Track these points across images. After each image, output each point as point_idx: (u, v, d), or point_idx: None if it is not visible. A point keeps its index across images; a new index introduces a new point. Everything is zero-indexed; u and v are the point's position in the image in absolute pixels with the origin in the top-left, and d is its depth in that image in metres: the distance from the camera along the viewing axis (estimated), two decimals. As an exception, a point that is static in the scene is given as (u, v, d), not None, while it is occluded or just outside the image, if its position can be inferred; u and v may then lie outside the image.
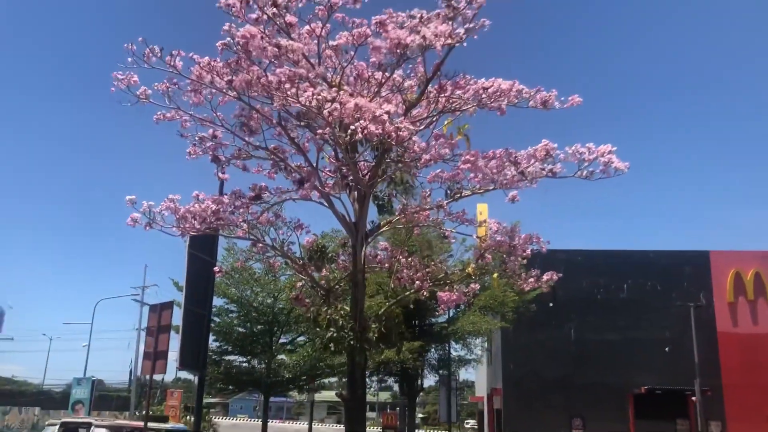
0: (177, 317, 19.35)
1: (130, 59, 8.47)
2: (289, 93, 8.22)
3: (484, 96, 8.79)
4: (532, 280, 10.37)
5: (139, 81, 8.76)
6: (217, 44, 8.54)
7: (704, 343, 32.56)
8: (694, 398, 29.66)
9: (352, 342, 9.35)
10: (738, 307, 36.43)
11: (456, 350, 34.50)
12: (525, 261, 10.25)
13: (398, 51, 8.00)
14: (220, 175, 10.37)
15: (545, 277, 10.37)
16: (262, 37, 8.44)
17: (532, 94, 8.80)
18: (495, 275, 11.83)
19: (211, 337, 27.69)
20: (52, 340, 63.95)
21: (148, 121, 9.40)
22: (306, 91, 8.03)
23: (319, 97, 7.85)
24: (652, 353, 34.85)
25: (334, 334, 9.53)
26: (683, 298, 34.00)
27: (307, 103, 8.01)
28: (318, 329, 10.48)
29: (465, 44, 7.98)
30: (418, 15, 8.10)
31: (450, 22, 7.90)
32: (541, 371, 35.45)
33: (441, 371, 35.89)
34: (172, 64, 8.54)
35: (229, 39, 8.55)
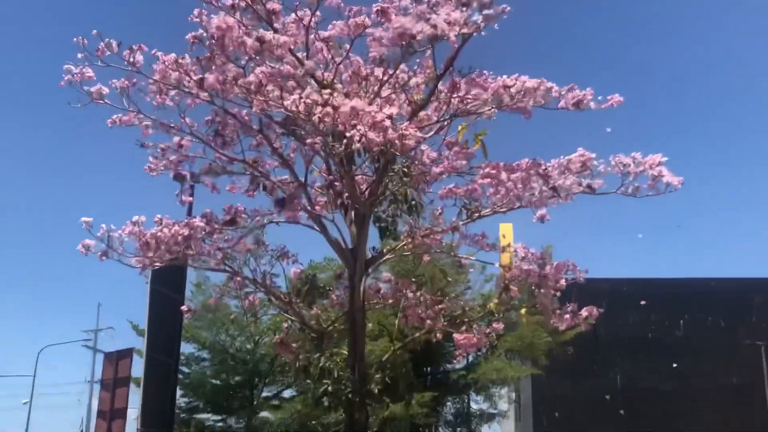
0: (138, 367, 19.33)
1: (80, 55, 8.53)
2: (271, 96, 8.27)
3: (505, 96, 8.83)
4: (567, 316, 10.33)
5: (95, 77, 8.80)
6: (187, 37, 8.62)
7: (780, 390, 32.36)
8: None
9: (350, 395, 9.30)
10: (820, 346, 36.29)
11: (477, 403, 34.31)
12: (559, 293, 10.23)
13: (403, 43, 8.04)
14: (184, 197, 10.34)
15: (584, 313, 10.34)
16: (240, 28, 8.51)
17: (563, 93, 8.86)
18: (523, 311, 11.77)
19: (180, 391, 27.62)
20: (-15, 396, 63.58)
21: (102, 128, 9.41)
22: (292, 94, 8.08)
23: (308, 100, 7.88)
24: (717, 404, 34.66)
25: (329, 387, 9.50)
26: (752, 335, 33.93)
27: (294, 108, 8.04)
28: (309, 380, 10.46)
29: (483, 33, 8.03)
30: (426, 0, 8.17)
31: (464, 9, 7.96)
32: (582, 427, 35.24)
33: (460, 429, 35.66)
34: (132, 60, 8.60)
35: (201, 31, 8.63)
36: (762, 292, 37.10)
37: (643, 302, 32.29)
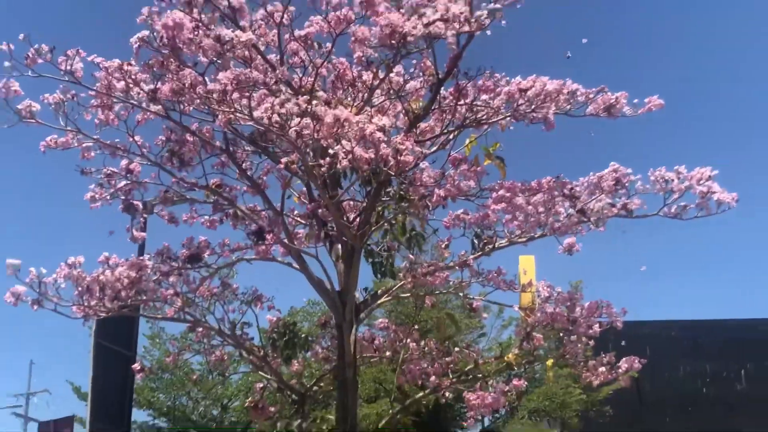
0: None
1: (6, 63, 8.55)
2: (237, 106, 8.30)
3: (521, 102, 8.88)
4: (603, 369, 10.32)
5: (23, 93, 8.82)
6: (132, 40, 8.66)
7: None
8: None
9: (341, 475, 9.26)
10: None
11: (496, 476, 34.14)
12: (592, 341, 10.22)
13: (393, 42, 8.07)
14: (135, 232, 10.34)
15: (623, 365, 10.33)
16: (196, 26, 8.57)
17: (591, 96, 8.91)
18: (549, 363, 11.73)
19: (131, 470, 27.44)
20: None
21: (34, 151, 9.39)
22: (263, 103, 8.11)
23: (282, 110, 7.90)
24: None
25: (315, 463, 9.46)
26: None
27: (266, 120, 8.06)
28: (290, 455, 10.39)
29: (489, 32, 8.08)
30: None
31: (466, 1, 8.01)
32: (625, 505, 35.02)
33: None
34: (68, 68, 8.62)
35: (148, 32, 8.67)
36: (840, 335, 37.13)
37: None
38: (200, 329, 10.75)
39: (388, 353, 11.29)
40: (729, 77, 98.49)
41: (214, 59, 8.62)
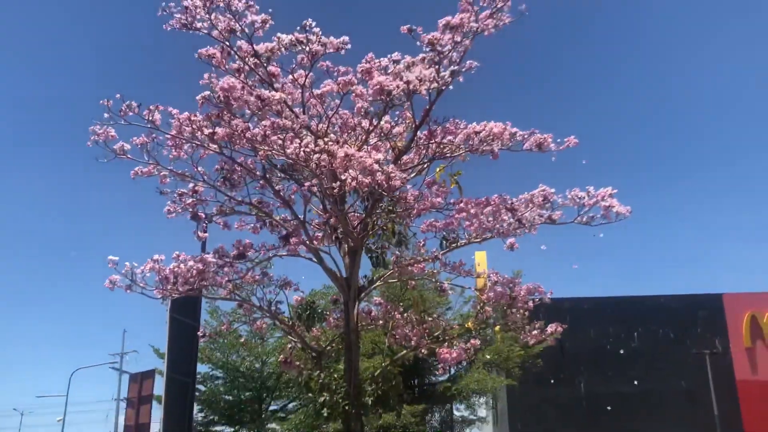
0: (159, 386, 19.08)
1: (106, 115, 8.55)
2: (274, 145, 8.31)
3: (475, 140, 8.90)
4: (536, 332, 10.30)
5: (117, 136, 8.82)
6: (197, 98, 8.67)
7: (723, 393, 32.31)
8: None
9: (346, 407, 9.20)
10: (757, 353, 36.28)
11: (459, 410, 34.01)
12: (528, 313, 10.20)
13: (382, 97, 8.11)
14: (200, 233, 10.35)
15: (550, 329, 10.32)
16: (242, 88, 8.58)
17: (525, 136, 8.93)
18: (497, 328, 11.74)
19: (197, 407, 27.27)
20: (24, 415, 62.45)
21: (125, 178, 9.38)
22: (292, 143, 8.11)
23: (307, 148, 7.92)
24: (668, 406, 34.50)
25: (327, 399, 9.40)
26: (698, 344, 33.94)
27: (294, 155, 8.09)
28: (310, 394, 10.34)
29: (451, 87, 8.12)
30: (402, 60, 8.25)
31: (435, 66, 8.05)
32: (552, 430, 34.95)
33: (444, 434, 35.26)
34: (150, 118, 8.63)
35: (209, 92, 8.68)
36: (705, 307, 37.18)
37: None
38: (246, 306, 10.69)
39: (381, 322, 11.25)
40: (625, 120, 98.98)
41: (256, 111, 8.63)
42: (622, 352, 36.41)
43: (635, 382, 35.30)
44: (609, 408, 34.77)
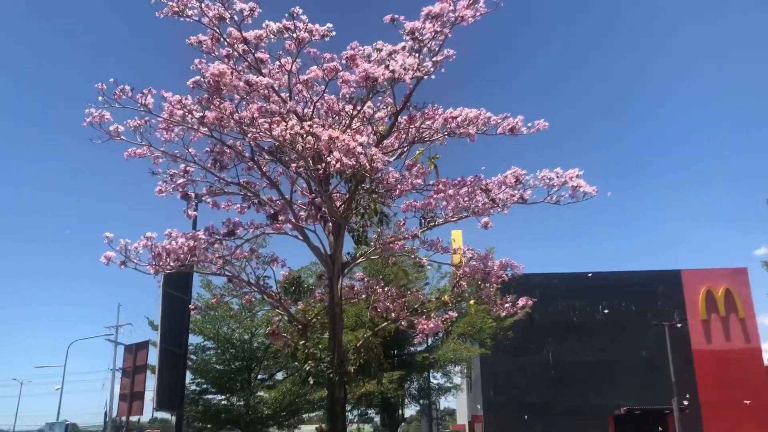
0: (152, 357, 19.03)
1: (100, 98, 8.42)
2: (262, 128, 8.25)
3: (452, 125, 8.89)
4: (507, 305, 10.38)
5: (112, 119, 8.71)
6: (188, 83, 8.57)
7: (680, 362, 32.90)
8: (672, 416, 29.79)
9: (331, 375, 9.24)
10: (711, 324, 36.93)
11: (436, 378, 34.35)
12: (500, 287, 10.27)
13: (367, 84, 8.08)
14: (190, 212, 10.30)
15: (520, 303, 10.40)
16: (232, 73, 8.49)
17: (499, 121, 8.93)
18: (472, 302, 11.81)
19: (190, 376, 27.27)
20: (23, 384, 62.21)
21: (118, 159, 9.27)
22: (278, 126, 8.05)
23: (293, 131, 7.87)
24: (630, 374, 35.06)
25: (313, 368, 9.43)
26: (658, 317, 34.41)
27: (281, 137, 8.03)
28: (296, 364, 10.35)
29: (433, 77, 8.10)
30: (384, 48, 8.20)
31: (416, 54, 8.02)
32: (522, 396, 35.42)
33: (422, 401, 35.59)
34: (143, 102, 8.51)
35: (199, 77, 8.58)
36: (665, 282, 37.69)
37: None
38: (235, 281, 10.66)
39: (363, 296, 11.27)
40: (592, 103, 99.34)
41: (244, 96, 8.55)
42: (588, 324, 36.85)
43: (600, 352, 35.79)
44: (575, 375, 35.26)
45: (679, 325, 33.95)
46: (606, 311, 37.35)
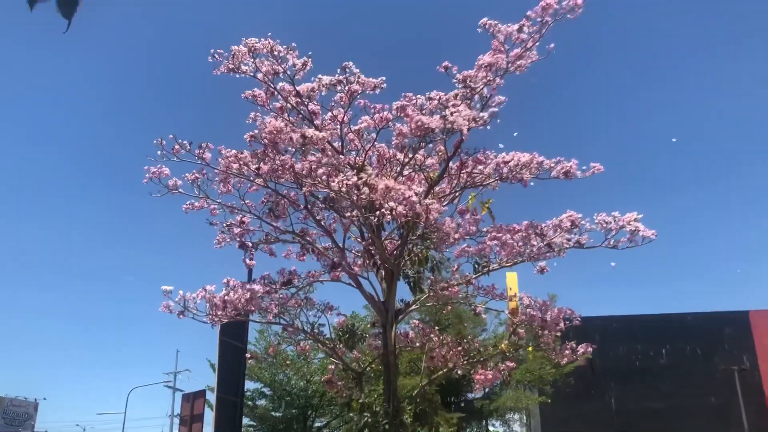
0: (211, 400, 19.13)
1: (159, 153, 8.70)
2: (319, 179, 8.36)
3: (505, 170, 8.82)
4: (567, 352, 10.07)
5: (170, 173, 8.97)
6: (245, 137, 8.81)
7: (753, 408, 31.17)
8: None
9: (386, 427, 9.07)
10: (785, 369, 35.05)
11: (494, 426, 33.42)
12: (559, 334, 9.98)
13: (420, 134, 8.12)
14: (248, 261, 10.43)
15: (580, 350, 10.07)
16: (286, 125, 8.67)
17: (552, 165, 8.81)
18: (530, 348, 11.51)
19: (250, 422, 27.35)
20: (86, 430, 63.26)
21: (177, 210, 9.51)
22: (336, 177, 8.15)
23: (349, 182, 7.95)
24: (697, 421, 33.40)
25: (368, 419, 9.28)
26: (726, 361, 32.92)
27: (337, 188, 8.12)
28: (351, 414, 10.22)
29: (489, 127, 8.09)
30: (437, 97, 8.25)
31: (468, 101, 8.03)
32: (584, 445, 34.10)
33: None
34: (201, 156, 8.76)
35: (256, 131, 8.80)
36: (732, 324, 36.10)
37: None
38: (291, 328, 10.67)
39: (418, 344, 11.11)
40: (649, 142, 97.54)
41: (299, 148, 8.71)
42: (651, 369, 35.46)
43: (665, 397, 34.31)
44: (639, 422, 33.81)
45: (749, 370, 32.34)
46: (670, 355, 35.91)
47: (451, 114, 7.82)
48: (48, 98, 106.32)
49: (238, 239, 10.20)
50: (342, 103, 8.85)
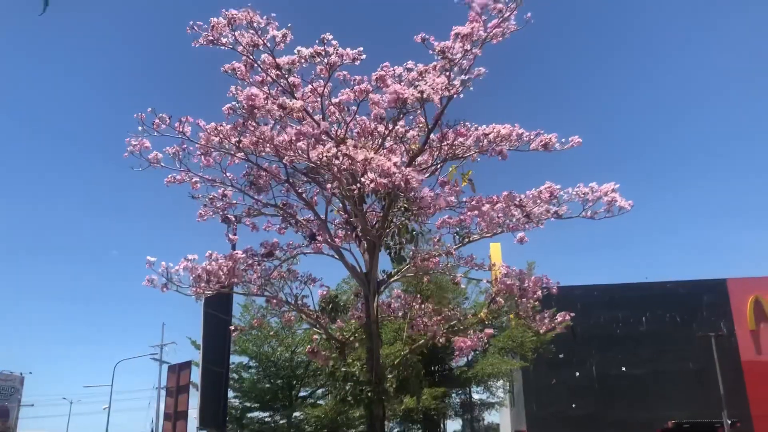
0: (195, 376, 19.31)
1: (140, 128, 8.67)
2: (299, 151, 8.39)
3: (485, 142, 8.92)
4: (546, 320, 10.29)
5: (151, 146, 8.95)
6: (223, 108, 8.77)
7: (729, 373, 31.90)
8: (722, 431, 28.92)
9: (369, 394, 9.27)
10: (761, 334, 35.81)
11: (478, 393, 33.99)
12: (537, 302, 10.18)
13: (398, 104, 8.15)
14: (231, 236, 10.47)
15: (559, 318, 10.29)
16: (266, 98, 8.66)
17: (532, 137, 8.92)
18: (512, 316, 11.71)
19: (235, 394, 27.58)
20: (73, 403, 63.35)
21: (159, 184, 9.52)
22: (315, 148, 8.19)
23: (329, 153, 7.99)
24: (677, 386, 34.18)
25: (351, 388, 9.47)
26: (704, 328, 33.53)
27: (318, 159, 8.16)
28: (336, 383, 10.41)
29: (462, 96, 8.13)
30: (415, 68, 8.28)
31: (447, 73, 8.06)
32: (565, 410, 34.80)
33: (465, 416, 35.23)
34: (181, 130, 8.74)
35: (234, 102, 8.78)
36: (710, 292, 36.72)
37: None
38: (274, 300, 10.79)
39: (400, 313, 11.31)
40: (627, 112, 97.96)
41: (279, 119, 8.71)
42: (631, 336, 36.09)
43: (644, 364, 35.02)
44: (619, 387, 34.56)
45: (726, 336, 33.04)
46: (650, 323, 36.55)
47: (424, 84, 7.86)
48: (24, 71, 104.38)
49: (220, 212, 10.24)
50: (322, 75, 8.85)
